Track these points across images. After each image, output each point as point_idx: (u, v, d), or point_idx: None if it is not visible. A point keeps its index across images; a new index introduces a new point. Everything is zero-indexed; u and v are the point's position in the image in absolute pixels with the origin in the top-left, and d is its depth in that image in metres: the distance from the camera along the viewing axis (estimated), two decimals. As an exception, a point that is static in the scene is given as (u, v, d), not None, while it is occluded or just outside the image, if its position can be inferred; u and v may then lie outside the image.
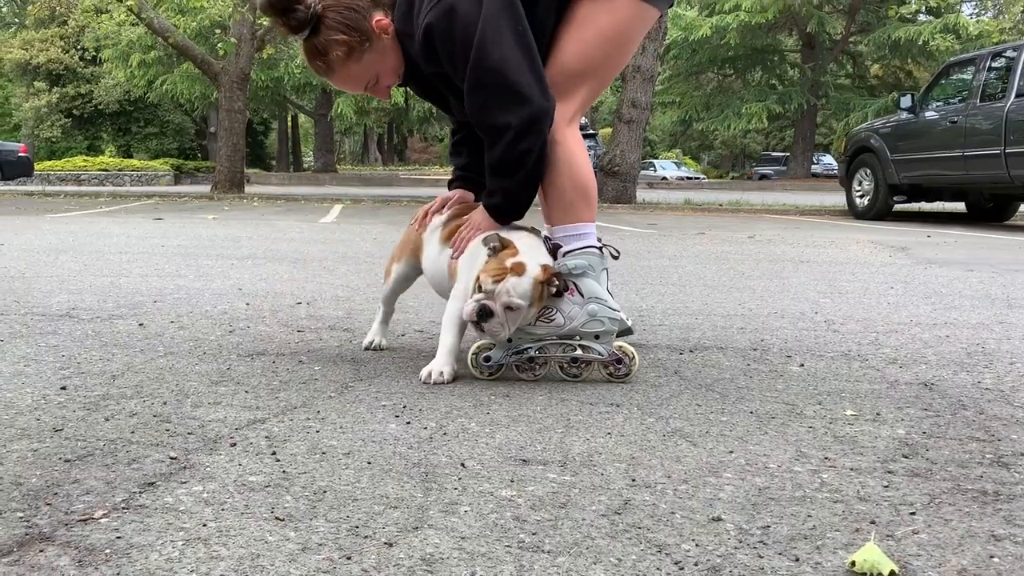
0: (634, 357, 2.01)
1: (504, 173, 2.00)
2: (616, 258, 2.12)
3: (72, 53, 30.35)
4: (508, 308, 1.89)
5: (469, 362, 2.03)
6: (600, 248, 2.06)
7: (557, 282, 1.93)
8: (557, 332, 2.00)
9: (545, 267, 1.92)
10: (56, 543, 1.07)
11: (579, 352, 2.01)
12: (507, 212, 2.07)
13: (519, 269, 1.89)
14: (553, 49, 2.05)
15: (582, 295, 2.01)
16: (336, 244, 5.77)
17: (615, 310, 2.03)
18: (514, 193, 2.02)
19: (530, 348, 2.01)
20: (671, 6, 2.25)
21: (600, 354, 2.00)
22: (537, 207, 2.13)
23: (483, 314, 1.90)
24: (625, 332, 2.24)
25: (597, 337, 2.00)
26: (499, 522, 1.17)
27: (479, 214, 2.10)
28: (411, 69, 2.15)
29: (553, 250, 2.05)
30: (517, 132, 1.91)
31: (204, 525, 1.13)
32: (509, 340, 2.00)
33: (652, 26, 2.23)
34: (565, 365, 2.04)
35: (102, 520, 1.15)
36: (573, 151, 2.04)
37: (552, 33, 2.06)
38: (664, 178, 32.54)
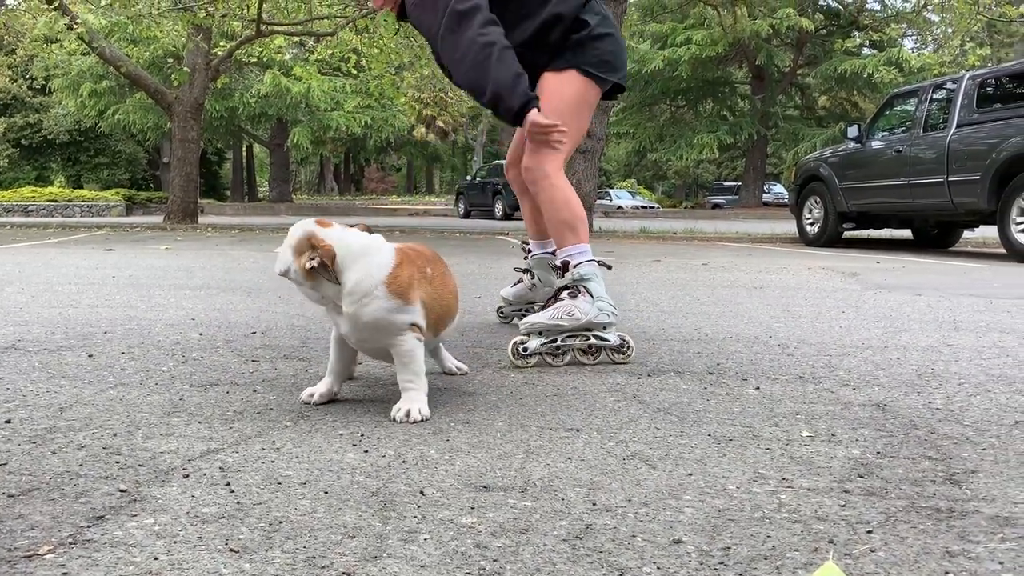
0: (632, 345, 2.57)
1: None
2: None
3: (20, 82, 29.83)
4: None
5: (509, 351, 2.45)
6: (598, 261, 2.65)
7: (314, 259, 1.84)
8: (576, 325, 2.50)
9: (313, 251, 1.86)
10: (-1, 581, 1.03)
11: (594, 340, 2.53)
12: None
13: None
14: None
15: (592, 296, 2.54)
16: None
17: (614, 307, 2.58)
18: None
19: (557, 339, 2.50)
20: (615, 92, 2.88)
21: (609, 341, 2.54)
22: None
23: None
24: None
25: (605, 328, 2.55)
26: (459, 549, 1.15)
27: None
28: None
29: (564, 266, 2.61)
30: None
31: (155, 559, 1.10)
32: (540, 334, 2.48)
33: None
34: (583, 352, 2.54)
35: (47, 556, 1.11)
36: (567, 192, 2.64)
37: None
38: (620, 207, 32.86)
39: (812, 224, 10.53)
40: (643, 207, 33.79)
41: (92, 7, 14.20)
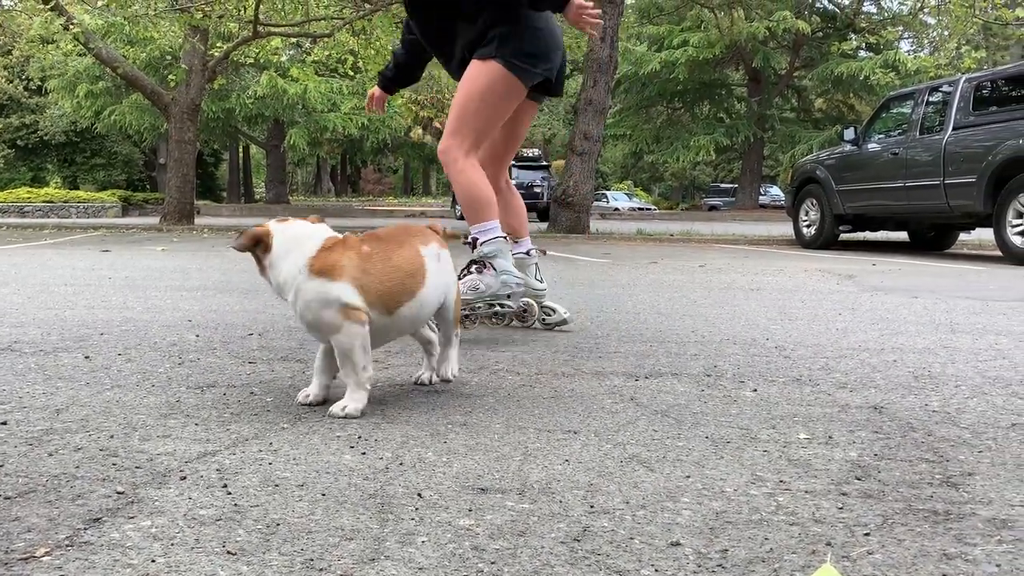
0: (535, 310, 3.04)
1: None
2: (544, 253, 3.04)
3: (16, 83, 29.78)
4: None
5: None
6: (504, 237, 2.91)
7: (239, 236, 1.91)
8: (482, 297, 2.87)
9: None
10: (-5, 583, 1.03)
11: (498, 308, 2.93)
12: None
13: None
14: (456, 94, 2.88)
15: (495, 270, 2.87)
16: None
17: (519, 279, 2.90)
18: None
19: (464, 310, 2.81)
20: (545, 92, 3.01)
21: (512, 308, 2.97)
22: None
23: None
24: (561, 323, 3.20)
25: (508, 297, 2.92)
26: (457, 552, 1.15)
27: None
28: None
29: (473, 243, 2.89)
30: None
31: (152, 561, 1.10)
32: None
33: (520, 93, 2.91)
34: (489, 319, 2.97)
35: (44, 558, 1.10)
36: (472, 176, 2.87)
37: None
38: (616, 209, 32.92)
39: (809, 226, 10.55)
40: (640, 209, 33.86)
41: (88, 8, 14.20)
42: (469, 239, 2.89)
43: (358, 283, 1.85)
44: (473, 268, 2.87)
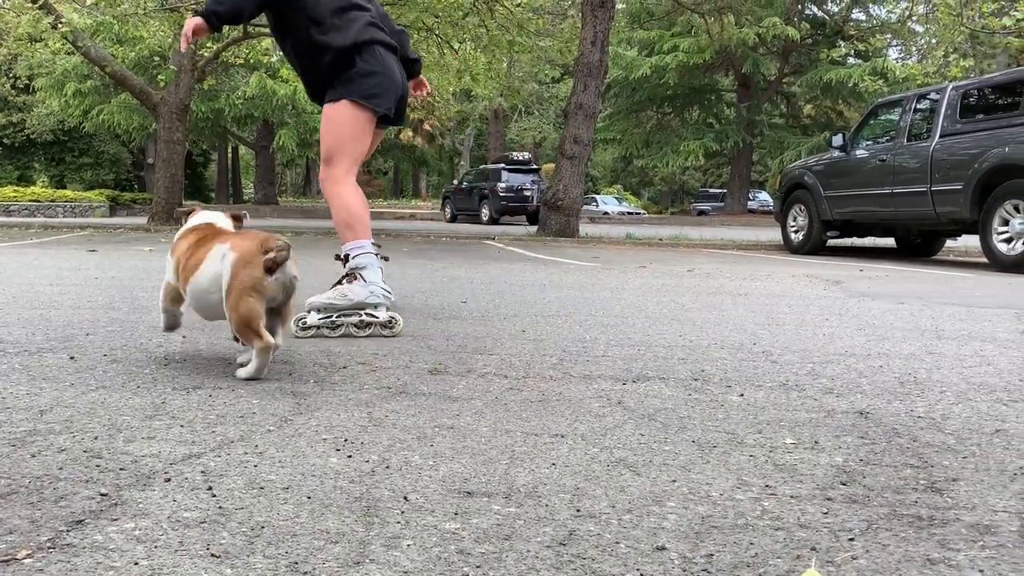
0: (400, 321, 3.16)
1: None
2: (386, 260, 3.33)
3: (4, 81, 29.60)
4: None
5: (292, 324, 2.89)
6: (376, 254, 3.21)
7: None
8: (348, 304, 3.10)
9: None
10: (-25, 585, 1.02)
11: (364, 317, 3.10)
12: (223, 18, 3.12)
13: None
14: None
15: (365, 281, 3.13)
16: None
17: (388, 291, 3.19)
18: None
19: (332, 315, 3.07)
20: (391, 118, 3.37)
21: (378, 318, 3.12)
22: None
23: None
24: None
25: (376, 307, 3.13)
26: (443, 555, 1.15)
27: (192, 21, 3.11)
28: None
29: (346, 258, 3.19)
30: None
31: (135, 563, 1.09)
32: (318, 311, 3.06)
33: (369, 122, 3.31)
34: (355, 327, 3.09)
35: (26, 561, 1.10)
36: (347, 198, 3.22)
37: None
38: (606, 213, 32.94)
39: (797, 232, 10.59)
40: (629, 213, 33.90)
41: (77, 6, 14.10)
42: (342, 255, 3.22)
43: (176, 260, 2.44)
44: (344, 280, 3.17)
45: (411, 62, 3.58)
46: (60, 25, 12.96)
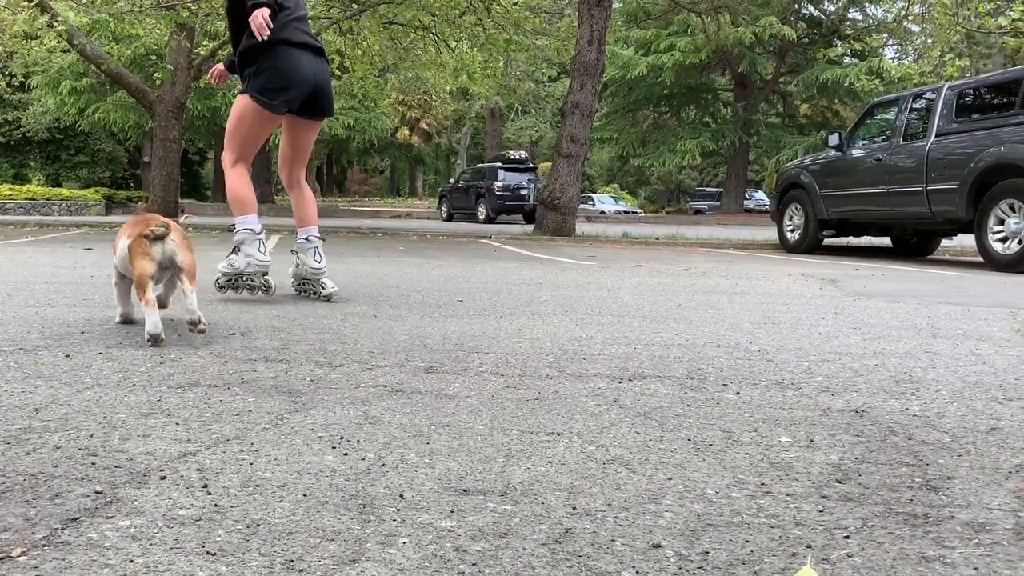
0: (273, 285, 4.01)
1: None
2: (323, 240, 4.19)
3: (-1, 79, 29.53)
4: None
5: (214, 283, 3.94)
6: (252, 230, 3.90)
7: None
8: (232, 271, 3.95)
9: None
10: (-30, 583, 1.02)
11: (242, 283, 3.97)
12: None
13: None
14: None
15: (244, 254, 3.90)
16: (272, 275, 5.67)
17: (264, 261, 3.94)
18: None
19: (221, 278, 4.00)
20: (311, 115, 4.05)
21: (254, 283, 3.97)
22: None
23: None
24: (328, 297, 4.06)
25: (253, 275, 3.95)
26: (439, 553, 1.15)
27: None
28: None
29: (231, 228, 3.92)
30: None
31: (131, 561, 1.09)
32: (222, 274, 4.00)
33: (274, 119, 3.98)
34: (238, 289, 3.95)
35: (20, 558, 1.09)
36: (235, 181, 3.95)
37: None
38: (602, 212, 32.94)
39: (793, 231, 10.61)
40: (626, 212, 33.90)
41: (73, 4, 14.06)
42: (232, 227, 3.95)
43: (122, 240, 2.91)
44: (231, 251, 3.96)
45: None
46: (56, 23, 12.92)
